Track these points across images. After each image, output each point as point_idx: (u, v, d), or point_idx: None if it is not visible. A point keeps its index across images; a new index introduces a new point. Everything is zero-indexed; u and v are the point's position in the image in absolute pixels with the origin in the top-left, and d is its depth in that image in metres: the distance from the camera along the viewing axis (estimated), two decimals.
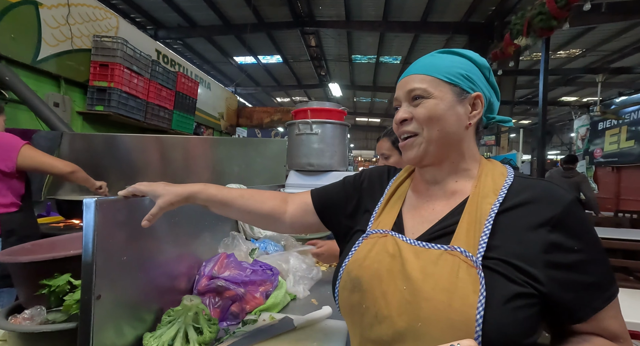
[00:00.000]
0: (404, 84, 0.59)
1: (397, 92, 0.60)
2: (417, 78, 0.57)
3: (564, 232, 0.47)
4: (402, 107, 0.59)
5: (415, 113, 0.57)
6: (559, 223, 0.47)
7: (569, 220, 0.48)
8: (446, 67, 0.57)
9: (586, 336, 0.48)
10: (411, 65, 0.61)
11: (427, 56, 0.61)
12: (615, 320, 0.48)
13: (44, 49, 2.72)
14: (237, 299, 0.89)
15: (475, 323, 0.43)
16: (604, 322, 0.48)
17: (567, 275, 0.46)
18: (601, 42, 8.41)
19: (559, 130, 16.48)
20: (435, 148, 0.56)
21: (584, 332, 0.49)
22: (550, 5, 2.50)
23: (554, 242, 0.47)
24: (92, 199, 0.60)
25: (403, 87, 0.59)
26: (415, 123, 0.57)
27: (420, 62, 0.60)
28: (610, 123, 4.68)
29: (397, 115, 0.59)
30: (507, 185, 0.54)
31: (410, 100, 0.58)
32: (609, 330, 0.48)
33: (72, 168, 1.60)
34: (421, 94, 0.56)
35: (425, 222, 0.57)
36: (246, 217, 0.75)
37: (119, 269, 0.67)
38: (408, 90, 0.57)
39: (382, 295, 0.51)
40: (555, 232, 0.47)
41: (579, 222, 0.48)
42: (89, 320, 0.59)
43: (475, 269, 0.46)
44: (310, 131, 1.82)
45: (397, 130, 0.60)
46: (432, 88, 0.56)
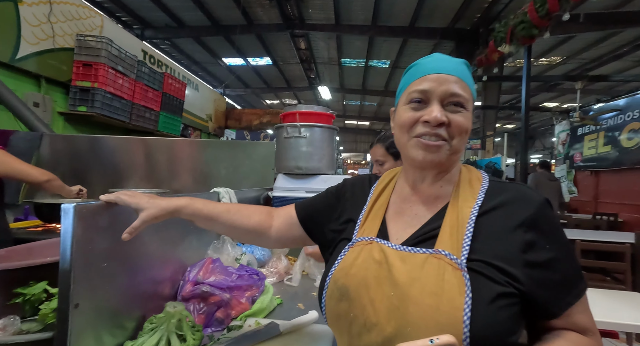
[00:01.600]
0: (441, 80, 0.54)
1: (427, 84, 0.55)
2: (460, 84, 0.55)
3: (537, 231, 0.50)
4: (433, 105, 0.54)
5: (454, 120, 0.54)
6: (532, 224, 0.50)
7: (541, 221, 0.50)
8: (472, 84, 0.58)
9: (559, 332, 0.50)
10: (439, 60, 0.57)
11: (456, 60, 0.58)
12: (584, 314, 0.51)
13: (24, 47, 2.63)
14: (223, 305, 0.88)
15: (462, 325, 0.44)
16: (574, 317, 0.50)
17: (543, 273, 0.48)
18: (581, 50, 8.76)
19: (542, 135, 17.00)
20: (454, 158, 0.57)
21: (557, 328, 0.51)
22: (531, 14, 2.60)
23: (529, 241, 0.49)
24: (71, 204, 0.58)
25: (442, 84, 0.54)
26: (450, 131, 0.54)
27: (455, 65, 0.56)
28: (589, 129, 4.86)
29: (433, 114, 0.53)
30: (483, 188, 0.56)
31: (446, 103, 0.54)
32: (579, 324, 0.50)
33: (48, 176, 1.54)
34: (463, 104, 0.54)
35: (409, 227, 0.58)
36: (232, 232, 0.75)
37: (99, 276, 0.66)
38: (452, 93, 0.54)
39: (370, 303, 0.51)
40: (530, 232, 0.49)
41: (550, 222, 0.51)
42: (65, 330, 0.57)
43: (461, 271, 0.47)
44: (299, 134, 1.82)
45: (425, 129, 0.54)
46: (469, 101, 0.56)
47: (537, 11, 2.54)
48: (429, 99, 0.55)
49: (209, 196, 1.28)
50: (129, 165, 2.65)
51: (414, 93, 0.56)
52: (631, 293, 1.76)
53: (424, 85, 0.55)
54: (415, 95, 0.56)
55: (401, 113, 0.58)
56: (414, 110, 0.56)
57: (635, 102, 4.09)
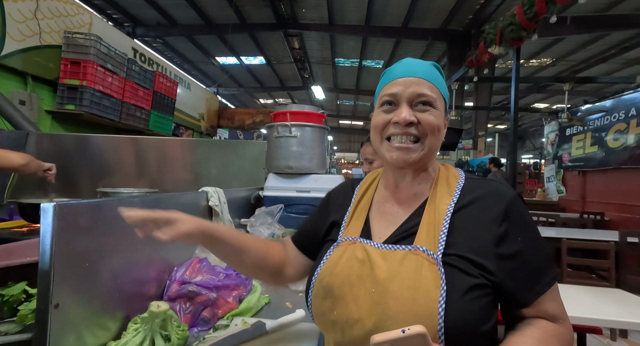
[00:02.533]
0: (408, 83, 0.57)
1: (395, 88, 0.57)
2: (427, 85, 0.57)
3: (509, 224, 0.52)
4: (402, 107, 0.57)
5: (423, 119, 0.56)
6: (505, 217, 0.52)
7: (512, 214, 0.53)
8: (442, 84, 0.60)
9: (531, 320, 0.53)
10: (407, 64, 0.59)
11: (424, 63, 0.60)
12: (554, 302, 0.53)
13: (9, 44, 2.58)
14: (209, 304, 0.88)
15: (437, 316, 0.45)
16: (545, 305, 0.52)
17: (513, 264, 0.51)
18: (570, 52, 8.93)
19: (531, 135, 17.28)
20: (429, 156, 0.59)
21: (529, 316, 0.53)
22: (520, 16, 2.64)
23: (501, 234, 0.51)
24: (51, 204, 0.57)
25: (408, 87, 0.56)
26: (421, 129, 0.56)
27: (422, 67, 0.58)
28: (577, 129, 4.96)
29: (401, 115, 0.56)
30: (459, 186, 0.58)
31: (414, 103, 0.57)
32: (550, 312, 0.52)
33: (26, 159, 1.50)
34: (431, 103, 0.56)
35: (391, 225, 0.59)
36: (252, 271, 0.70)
37: (81, 276, 0.65)
38: (417, 94, 0.56)
39: (353, 300, 0.53)
40: (502, 226, 0.52)
41: (521, 215, 0.54)
42: (45, 330, 0.56)
43: (437, 266, 0.49)
44: (289, 134, 1.82)
45: (396, 130, 0.57)
46: (438, 101, 0.58)
47: (526, 13, 2.59)
48: (398, 101, 0.58)
49: (196, 195, 1.27)
50: (119, 164, 2.62)
51: (385, 96, 0.59)
52: (614, 289, 1.81)
53: (393, 89, 0.58)
54: (386, 98, 0.59)
55: (375, 116, 0.62)
56: (385, 113, 0.59)
57: (621, 103, 4.19)
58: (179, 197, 1.16)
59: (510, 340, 0.50)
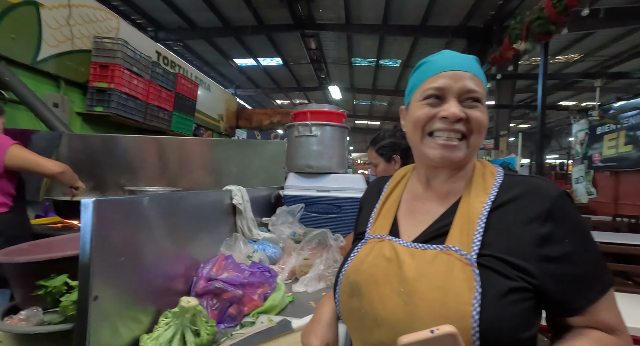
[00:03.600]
0: (457, 77, 0.54)
1: (442, 81, 0.54)
2: (475, 80, 0.54)
3: (553, 225, 0.48)
4: (450, 101, 0.54)
5: (472, 116, 0.54)
6: (548, 217, 0.48)
7: (558, 213, 0.49)
8: (484, 78, 0.58)
9: (582, 330, 0.48)
10: (452, 57, 0.57)
11: (469, 57, 0.57)
12: (610, 312, 0.48)
13: (44, 50, 2.72)
14: (235, 301, 0.89)
15: (471, 319, 0.43)
16: (599, 315, 0.48)
17: (559, 267, 0.47)
18: (599, 47, 8.48)
19: (558, 134, 16.55)
20: (472, 154, 0.56)
21: (581, 326, 0.49)
22: (549, 10, 2.52)
23: (544, 235, 0.48)
24: (90, 199, 0.60)
25: (458, 81, 0.54)
26: (468, 126, 0.54)
27: (468, 61, 0.56)
28: (609, 128, 4.70)
29: (451, 110, 0.53)
30: (497, 183, 0.55)
31: (462, 99, 0.54)
32: (605, 323, 0.48)
33: (62, 168, 1.58)
34: (480, 99, 0.54)
35: (420, 224, 0.57)
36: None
37: (116, 270, 0.67)
38: (468, 89, 0.53)
39: (380, 299, 0.52)
40: (545, 226, 0.48)
41: (568, 214, 0.49)
42: (85, 322, 0.59)
43: (471, 267, 0.47)
44: (310, 133, 1.82)
45: (442, 125, 0.54)
46: (484, 96, 0.56)
47: (555, 7, 2.46)
48: (445, 96, 0.55)
49: (220, 194, 1.29)
50: (143, 163, 2.71)
51: (430, 90, 0.55)
52: None
53: (439, 82, 0.55)
54: (431, 91, 0.55)
55: (415, 110, 0.58)
56: (431, 107, 0.56)
57: None
58: (204, 195, 1.18)
59: None
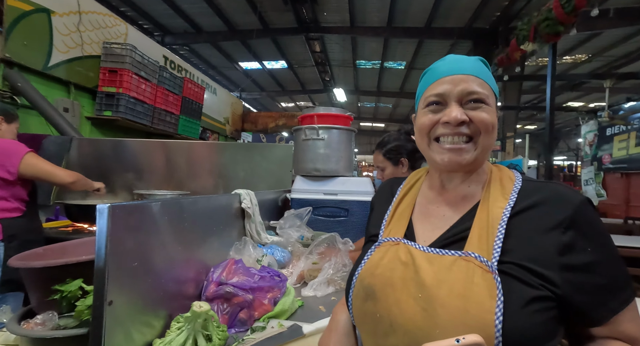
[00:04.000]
0: (456, 81, 0.54)
1: (442, 87, 0.55)
2: (477, 81, 0.54)
3: (576, 233, 0.47)
4: (451, 106, 0.54)
5: (475, 117, 0.53)
6: (571, 225, 0.47)
7: (581, 221, 0.48)
8: (491, 78, 0.57)
9: (604, 341, 0.47)
10: (452, 61, 0.57)
11: (470, 59, 0.57)
12: (633, 323, 0.47)
13: (55, 56, 2.78)
14: (246, 305, 0.89)
15: (494, 329, 0.42)
16: (621, 326, 0.47)
17: (582, 276, 0.46)
18: (608, 47, 8.37)
19: (566, 136, 16.35)
20: (483, 156, 0.56)
21: (602, 336, 0.48)
22: (557, 10, 2.49)
23: (567, 243, 0.47)
24: (106, 205, 0.60)
25: (457, 85, 0.54)
26: (473, 128, 0.54)
27: (468, 63, 0.56)
28: (619, 129, 4.63)
29: (452, 114, 0.53)
30: (517, 188, 0.54)
31: (464, 101, 0.54)
32: (627, 334, 0.47)
33: (74, 177, 1.61)
34: (483, 99, 0.54)
35: (437, 229, 0.57)
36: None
37: (130, 275, 0.68)
38: (467, 91, 0.53)
39: (396, 303, 0.51)
40: (568, 233, 0.47)
41: (591, 223, 0.48)
42: (100, 326, 0.59)
43: (492, 274, 0.46)
44: (317, 136, 1.82)
45: (446, 130, 0.54)
46: (489, 97, 0.55)
47: (563, 7, 2.43)
48: (447, 101, 0.55)
49: (229, 197, 1.30)
50: (151, 166, 2.74)
51: (431, 97, 0.56)
52: None
53: (439, 88, 0.55)
54: (432, 98, 0.56)
55: (420, 117, 0.59)
56: (433, 113, 0.56)
57: None
58: (215, 199, 1.19)
59: None
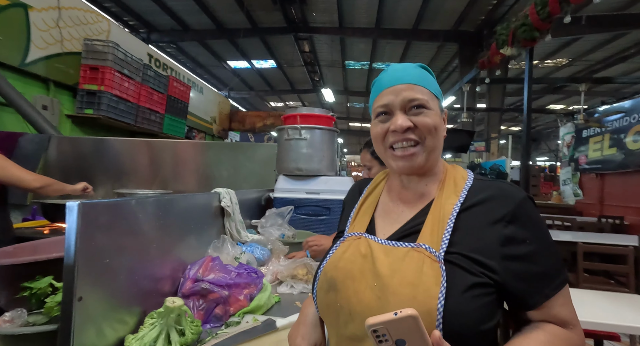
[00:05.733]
0: (398, 91, 0.58)
1: (387, 98, 0.59)
2: (416, 88, 0.58)
3: (517, 226, 0.52)
4: (396, 115, 0.58)
5: (419, 122, 0.57)
6: (512, 219, 0.52)
7: (521, 216, 0.52)
8: (432, 83, 0.61)
9: (538, 324, 0.52)
10: (393, 71, 0.60)
11: (410, 67, 0.61)
12: (564, 307, 0.52)
13: (33, 52, 2.71)
14: (221, 301, 0.90)
15: (436, 312, 0.46)
16: (554, 309, 0.52)
17: (520, 265, 0.51)
18: (587, 52, 8.69)
19: (547, 137, 16.85)
20: (432, 157, 0.59)
21: (537, 320, 0.53)
22: (533, 17, 2.60)
23: (508, 235, 0.51)
24: (75, 202, 0.61)
25: (398, 95, 0.58)
26: (418, 132, 0.57)
27: (408, 72, 0.59)
28: (594, 131, 4.82)
29: (397, 122, 0.57)
30: (467, 186, 0.58)
31: (407, 108, 0.58)
32: (559, 317, 0.52)
33: (41, 183, 1.51)
34: (424, 105, 0.57)
35: (395, 223, 0.61)
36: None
37: (101, 271, 0.68)
38: (409, 99, 0.57)
39: (355, 294, 0.54)
40: (509, 227, 0.52)
41: (530, 217, 0.53)
42: (69, 322, 0.60)
43: (438, 264, 0.50)
44: (299, 136, 1.85)
45: (396, 138, 0.58)
46: (430, 101, 0.58)
47: (539, 14, 2.54)
48: (392, 110, 0.59)
49: (209, 196, 1.31)
50: (134, 166, 2.70)
51: (378, 108, 0.61)
52: (633, 295, 1.75)
53: (384, 99, 0.59)
54: (379, 109, 0.60)
55: (373, 127, 0.63)
56: (382, 123, 0.60)
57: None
58: (192, 198, 1.19)
59: (515, 341, 0.50)
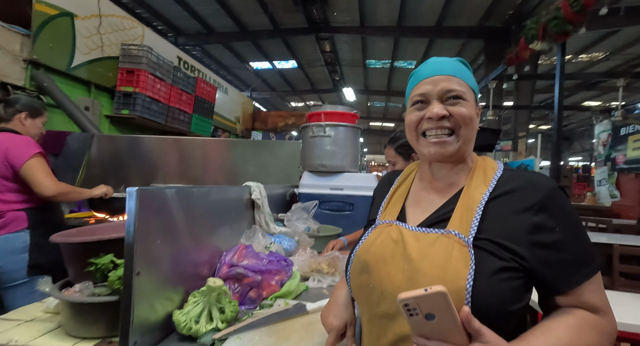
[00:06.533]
0: (436, 81, 0.61)
1: (425, 87, 0.62)
2: (454, 80, 0.61)
3: (546, 215, 0.54)
4: (433, 103, 0.61)
5: (455, 112, 0.60)
6: (541, 208, 0.54)
7: (550, 205, 0.54)
8: (469, 77, 0.64)
9: (568, 309, 0.54)
10: (433, 63, 0.64)
11: (449, 60, 0.64)
12: (595, 294, 0.53)
13: (78, 57, 2.93)
14: (255, 285, 0.97)
15: (465, 292, 0.49)
16: (584, 296, 0.53)
17: (548, 252, 0.52)
18: (625, 45, 8.16)
19: (580, 136, 15.94)
20: (465, 147, 0.62)
21: (567, 305, 0.54)
22: (565, 10, 2.49)
23: (537, 223, 0.53)
24: (134, 188, 0.69)
25: (437, 85, 0.60)
26: (453, 121, 0.60)
27: (447, 65, 0.62)
28: (633, 128, 4.54)
29: (434, 110, 0.60)
30: (496, 176, 0.61)
31: (444, 99, 0.60)
32: (589, 303, 0.53)
33: (56, 191, 1.55)
34: (461, 96, 0.60)
35: (425, 211, 0.64)
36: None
37: (154, 251, 0.76)
38: (446, 90, 0.60)
39: (387, 275, 0.58)
40: (538, 215, 0.54)
41: (559, 206, 0.55)
42: (130, 293, 0.68)
43: (467, 248, 0.53)
44: (324, 133, 1.90)
45: (430, 125, 0.61)
46: (467, 93, 0.61)
47: (572, 6, 2.43)
48: (429, 99, 0.62)
49: (240, 189, 1.39)
50: (165, 162, 2.86)
51: (416, 96, 0.64)
52: None
53: (422, 89, 0.62)
54: (417, 98, 0.63)
55: (408, 115, 0.66)
56: (418, 111, 0.63)
57: None
58: (226, 190, 1.27)
59: (544, 324, 0.52)
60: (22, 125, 1.67)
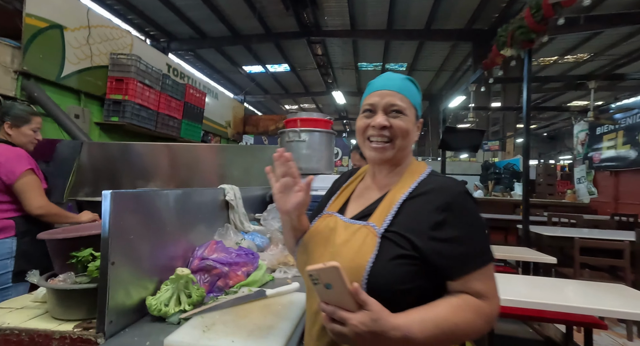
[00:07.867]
0: (384, 95, 0.71)
1: (373, 99, 0.72)
2: (398, 96, 0.71)
3: (448, 214, 0.65)
4: (378, 114, 0.71)
5: (395, 124, 0.70)
6: (446, 208, 0.65)
7: (454, 206, 0.65)
8: (414, 95, 0.76)
9: (457, 293, 0.64)
10: (385, 79, 0.74)
11: (399, 77, 0.74)
12: (481, 282, 0.64)
13: (67, 67, 3.04)
14: (222, 276, 1.10)
15: (364, 271, 0.62)
16: (470, 283, 0.63)
17: (444, 246, 0.63)
18: (609, 46, 8.41)
19: (567, 136, 16.23)
20: (401, 154, 0.74)
21: (456, 290, 0.65)
22: (528, 19, 2.66)
23: (439, 221, 0.64)
24: (109, 191, 0.82)
25: (383, 98, 0.70)
26: (392, 132, 0.70)
27: (396, 82, 0.72)
28: (608, 128, 4.73)
29: (377, 120, 0.70)
30: (420, 179, 0.73)
31: (388, 111, 0.70)
32: (475, 289, 0.63)
33: (43, 211, 1.60)
34: (402, 111, 0.71)
35: (361, 206, 0.77)
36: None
37: (128, 244, 0.89)
38: (390, 104, 0.70)
39: (319, 257, 0.71)
40: (442, 214, 0.64)
41: (462, 207, 0.66)
42: (105, 280, 0.80)
43: (377, 237, 0.65)
44: (299, 138, 2.03)
45: (373, 132, 0.71)
46: (407, 109, 0.73)
47: (534, 16, 2.60)
48: (376, 110, 0.74)
49: (215, 191, 1.51)
50: (155, 167, 2.96)
51: (365, 105, 0.76)
52: (617, 285, 1.73)
53: (371, 99, 0.74)
54: (366, 107, 0.75)
55: (358, 121, 0.78)
56: (366, 118, 0.75)
57: None
58: (202, 192, 1.40)
59: (433, 303, 0.63)
60: (8, 135, 1.68)
